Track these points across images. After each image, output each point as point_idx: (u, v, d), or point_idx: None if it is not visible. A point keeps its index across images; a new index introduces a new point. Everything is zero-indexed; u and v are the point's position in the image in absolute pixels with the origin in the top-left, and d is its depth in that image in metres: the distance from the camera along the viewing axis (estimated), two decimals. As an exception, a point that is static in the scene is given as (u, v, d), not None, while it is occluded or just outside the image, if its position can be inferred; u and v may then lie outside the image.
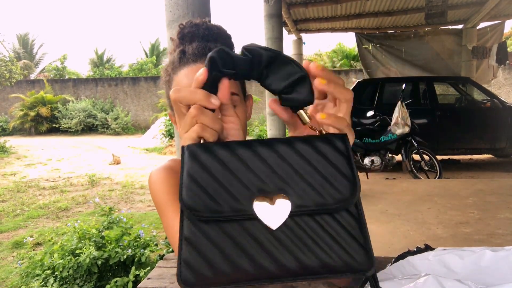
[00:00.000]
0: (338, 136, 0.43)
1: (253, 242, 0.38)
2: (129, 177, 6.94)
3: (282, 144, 0.42)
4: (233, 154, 0.41)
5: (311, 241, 0.38)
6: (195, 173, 0.40)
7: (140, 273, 2.33)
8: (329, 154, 0.42)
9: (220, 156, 0.41)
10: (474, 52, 7.94)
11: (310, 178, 0.40)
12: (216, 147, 0.42)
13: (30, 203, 5.35)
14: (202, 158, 0.41)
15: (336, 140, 0.43)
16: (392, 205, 3.71)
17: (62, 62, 19.94)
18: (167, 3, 2.11)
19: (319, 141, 0.43)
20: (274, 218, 0.39)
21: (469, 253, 0.65)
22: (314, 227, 0.39)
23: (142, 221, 4.14)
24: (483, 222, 3.10)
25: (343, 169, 0.41)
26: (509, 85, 13.73)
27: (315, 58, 20.23)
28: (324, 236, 0.39)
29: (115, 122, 15.88)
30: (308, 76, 0.43)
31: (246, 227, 0.39)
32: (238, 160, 0.41)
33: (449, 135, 6.21)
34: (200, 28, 0.77)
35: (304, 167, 0.41)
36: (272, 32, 5.68)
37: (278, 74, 0.43)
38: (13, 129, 16.08)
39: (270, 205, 0.39)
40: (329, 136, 0.43)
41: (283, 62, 0.43)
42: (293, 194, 0.40)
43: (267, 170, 0.41)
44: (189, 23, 0.78)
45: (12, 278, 3.04)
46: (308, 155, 0.41)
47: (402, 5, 7.44)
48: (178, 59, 0.75)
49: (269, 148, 0.42)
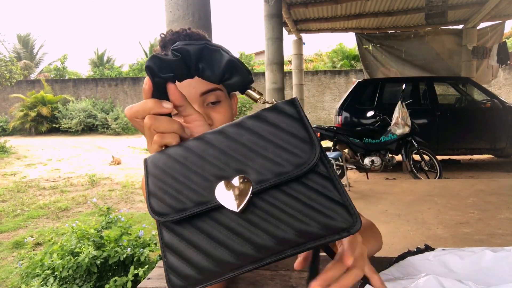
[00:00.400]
0: (287, 101, 0.42)
1: (226, 231, 0.38)
2: (129, 177, 6.94)
3: (232, 127, 0.42)
4: (188, 150, 0.42)
5: (283, 214, 0.37)
6: (157, 179, 0.41)
7: (139, 272, 2.33)
8: (279, 121, 0.41)
9: (175, 156, 0.42)
10: (474, 52, 7.94)
11: (264, 151, 0.40)
12: (172, 148, 0.42)
13: (30, 203, 5.35)
14: (161, 163, 0.42)
15: (285, 106, 0.42)
16: (392, 205, 3.70)
17: (62, 62, 19.94)
18: (167, 3, 2.11)
19: (267, 112, 0.42)
20: (237, 201, 0.38)
21: (470, 254, 0.65)
22: (283, 198, 0.38)
23: (142, 221, 4.14)
24: (483, 222, 3.10)
25: (297, 133, 0.40)
26: (509, 85, 13.72)
27: (315, 59, 20.23)
28: (295, 204, 0.37)
29: (115, 122, 15.87)
30: (235, 58, 0.44)
31: (215, 217, 0.39)
32: (193, 154, 0.41)
33: (449, 135, 6.21)
34: (181, 35, 0.79)
35: (257, 142, 0.40)
36: (272, 32, 5.68)
37: (211, 64, 0.44)
38: (13, 129, 16.07)
39: (231, 190, 0.39)
40: (278, 104, 0.42)
41: (211, 51, 0.43)
42: (251, 172, 0.39)
43: (222, 156, 0.40)
44: (170, 32, 0.81)
45: (12, 278, 3.04)
46: (259, 129, 0.41)
47: (402, 5, 7.44)
48: None
49: (220, 134, 0.42)
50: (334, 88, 15.23)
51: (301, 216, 0.37)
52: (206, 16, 2.15)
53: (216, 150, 0.41)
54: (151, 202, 0.40)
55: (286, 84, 6.62)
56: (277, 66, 5.76)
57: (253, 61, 19.01)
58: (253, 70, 17.69)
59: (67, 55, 20.08)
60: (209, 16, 2.19)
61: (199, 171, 0.40)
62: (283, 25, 7.03)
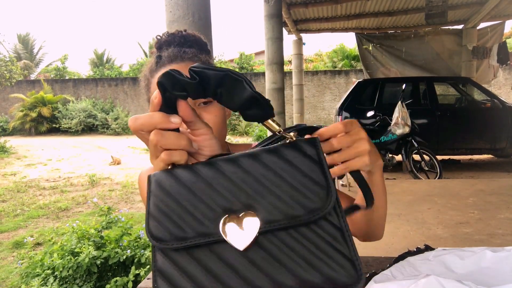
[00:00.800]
0: (308, 140, 0.41)
1: (225, 267, 0.36)
2: (129, 177, 6.94)
3: (246, 157, 0.40)
4: (197, 175, 0.39)
5: (287, 258, 0.36)
6: (160, 201, 0.39)
7: (140, 272, 2.33)
8: (297, 161, 0.39)
9: (183, 180, 0.39)
10: (474, 52, 7.94)
11: (278, 190, 0.38)
12: (180, 170, 0.40)
13: (30, 203, 5.35)
14: (166, 185, 0.39)
15: (305, 145, 0.40)
16: (392, 205, 3.70)
17: (62, 62, 19.93)
18: (167, 3, 2.11)
19: (286, 149, 0.40)
20: (242, 239, 0.36)
21: (470, 254, 0.65)
22: (289, 242, 0.36)
23: (142, 221, 4.14)
24: (483, 222, 3.10)
25: (314, 176, 0.38)
26: (509, 85, 13.72)
27: (315, 59, 20.23)
28: (301, 250, 0.36)
29: (115, 122, 15.87)
30: (257, 93, 0.41)
31: (216, 251, 0.37)
32: (202, 181, 0.39)
33: (449, 135, 6.21)
34: (176, 36, 0.80)
35: (271, 179, 0.38)
36: (272, 32, 5.68)
37: (231, 93, 0.41)
38: (13, 129, 16.07)
39: (237, 225, 0.37)
40: (297, 142, 0.41)
41: (233, 80, 0.40)
42: (261, 209, 0.37)
43: (232, 187, 0.38)
44: (166, 33, 0.81)
45: (12, 278, 3.04)
46: (275, 165, 0.39)
47: (402, 5, 7.44)
48: (155, 63, 0.78)
49: (233, 164, 0.39)
50: (334, 88, 15.23)
51: (305, 264, 0.36)
52: (206, 16, 2.15)
53: (227, 180, 0.39)
54: (150, 224, 0.38)
55: (286, 84, 6.62)
56: (277, 66, 5.76)
57: (253, 61, 19.00)
58: (253, 70, 17.69)
59: (67, 55, 20.07)
60: (209, 16, 2.19)
61: (206, 199, 0.38)
62: (283, 25, 7.03)
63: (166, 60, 0.76)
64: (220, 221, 0.37)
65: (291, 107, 11.07)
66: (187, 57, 0.76)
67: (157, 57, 0.78)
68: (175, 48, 0.78)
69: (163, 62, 0.77)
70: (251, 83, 0.41)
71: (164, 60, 0.77)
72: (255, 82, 15.85)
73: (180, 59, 0.76)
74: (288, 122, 12.11)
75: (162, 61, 0.77)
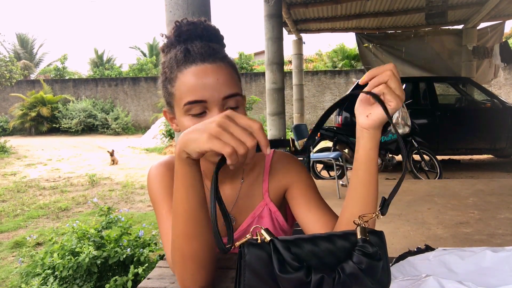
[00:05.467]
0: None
1: None
2: (129, 177, 6.94)
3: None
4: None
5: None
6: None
7: (139, 270, 2.33)
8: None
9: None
10: (474, 52, 7.94)
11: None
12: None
13: (30, 203, 5.35)
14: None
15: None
16: (392, 205, 3.66)
17: (62, 62, 19.93)
18: (167, 3, 2.10)
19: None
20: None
21: (470, 254, 0.65)
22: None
23: (142, 221, 4.14)
24: (483, 222, 3.10)
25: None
26: (510, 85, 13.72)
27: (315, 58, 20.22)
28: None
29: (115, 122, 15.88)
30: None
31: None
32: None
33: (449, 135, 6.21)
34: (198, 27, 0.76)
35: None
36: (272, 32, 5.68)
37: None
38: (13, 129, 16.08)
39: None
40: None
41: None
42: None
43: None
44: (186, 21, 0.77)
45: (12, 278, 3.04)
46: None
47: (402, 5, 7.43)
48: (183, 57, 0.73)
49: None
50: (334, 88, 15.23)
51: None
52: (206, 16, 2.14)
53: None
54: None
55: (286, 84, 6.62)
56: (277, 66, 5.76)
57: (252, 61, 19.00)
58: (253, 70, 17.69)
59: (67, 55, 20.08)
60: (209, 16, 2.19)
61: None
62: (283, 25, 7.02)
63: (198, 56, 0.72)
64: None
65: (291, 107, 11.06)
66: (218, 57, 0.74)
67: (184, 49, 0.74)
68: (202, 42, 0.75)
69: (194, 58, 0.72)
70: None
71: (196, 57, 0.72)
72: (255, 82, 15.85)
73: (211, 59, 0.73)
74: (288, 122, 12.11)
75: (192, 56, 0.73)
